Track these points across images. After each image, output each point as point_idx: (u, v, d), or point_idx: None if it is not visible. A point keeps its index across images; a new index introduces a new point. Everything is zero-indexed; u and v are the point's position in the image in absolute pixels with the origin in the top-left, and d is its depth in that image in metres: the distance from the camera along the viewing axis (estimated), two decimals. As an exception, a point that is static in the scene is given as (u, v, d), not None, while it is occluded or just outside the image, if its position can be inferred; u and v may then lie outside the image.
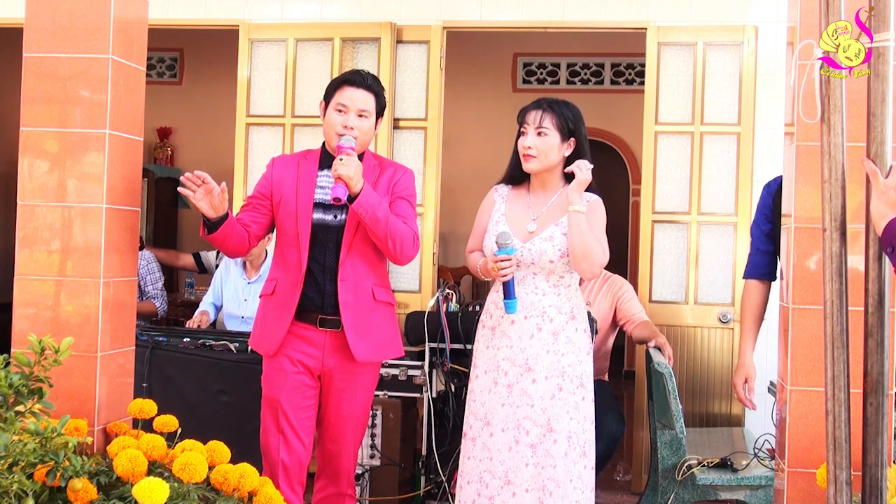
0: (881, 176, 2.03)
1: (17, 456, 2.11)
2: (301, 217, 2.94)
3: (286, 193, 2.99)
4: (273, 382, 2.96)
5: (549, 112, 2.98)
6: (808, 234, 2.56)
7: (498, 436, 2.93)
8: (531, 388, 2.91)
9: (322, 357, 2.95)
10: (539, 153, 2.97)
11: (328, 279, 2.93)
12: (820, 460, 2.43)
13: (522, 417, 2.91)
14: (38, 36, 2.71)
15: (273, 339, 2.95)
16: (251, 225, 3.01)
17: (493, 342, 3.01)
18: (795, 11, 2.62)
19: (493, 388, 2.97)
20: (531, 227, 3.01)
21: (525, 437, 2.90)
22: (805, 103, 2.30)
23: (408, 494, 4.03)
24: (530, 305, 2.96)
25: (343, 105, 2.97)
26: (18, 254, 2.70)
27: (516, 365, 2.94)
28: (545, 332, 2.94)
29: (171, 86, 8.26)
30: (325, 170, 3.00)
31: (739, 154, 4.60)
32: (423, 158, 4.84)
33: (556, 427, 2.89)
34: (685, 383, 4.55)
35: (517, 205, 3.07)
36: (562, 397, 2.91)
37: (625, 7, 4.77)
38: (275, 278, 3.01)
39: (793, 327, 2.58)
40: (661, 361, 3.66)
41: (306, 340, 2.94)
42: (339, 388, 2.98)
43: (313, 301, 2.93)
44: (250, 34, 4.95)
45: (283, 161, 3.09)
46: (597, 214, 3.01)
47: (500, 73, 8.06)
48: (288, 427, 2.92)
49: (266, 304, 3.03)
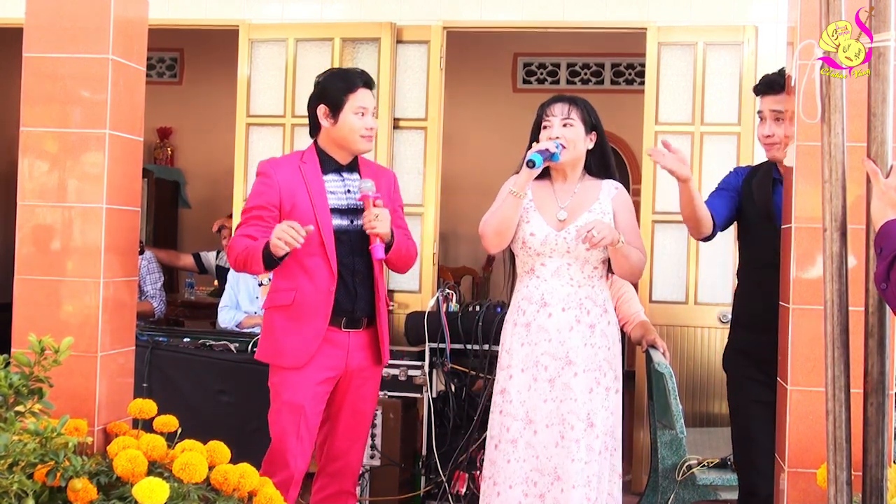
0: (881, 176, 2.03)
1: (17, 456, 2.11)
2: (323, 226, 2.90)
3: (298, 201, 2.93)
4: (297, 388, 2.90)
5: (574, 105, 3.00)
6: (808, 234, 2.56)
7: (542, 433, 2.88)
8: (573, 382, 2.88)
9: (346, 358, 2.96)
10: (568, 143, 2.96)
11: (358, 282, 2.96)
12: (820, 460, 2.42)
13: (567, 412, 2.87)
14: (38, 36, 2.71)
15: (306, 349, 2.89)
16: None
17: (529, 338, 2.94)
18: (795, 11, 2.62)
19: (532, 384, 2.92)
20: (562, 216, 2.97)
21: (570, 431, 2.86)
22: (805, 103, 2.30)
23: (408, 494, 4.02)
24: (567, 297, 2.93)
25: (363, 108, 2.97)
26: (18, 254, 2.70)
27: (557, 359, 2.90)
28: (583, 325, 2.92)
29: (171, 86, 8.26)
30: (329, 174, 2.99)
31: (739, 154, 4.59)
32: (423, 158, 4.84)
33: (595, 422, 2.88)
34: (685, 383, 4.55)
35: (543, 193, 3.03)
36: (599, 392, 2.90)
37: (625, 7, 4.77)
38: (292, 288, 2.92)
39: (793, 327, 2.58)
40: (661, 361, 3.66)
41: (331, 343, 2.93)
42: (356, 388, 3.01)
43: (343, 306, 2.94)
44: (250, 34, 4.95)
45: (279, 166, 3.01)
46: (627, 203, 3.04)
47: (500, 73, 8.05)
48: (306, 433, 2.91)
49: (284, 315, 2.93)
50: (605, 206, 3.00)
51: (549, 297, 2.94)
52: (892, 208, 1.99)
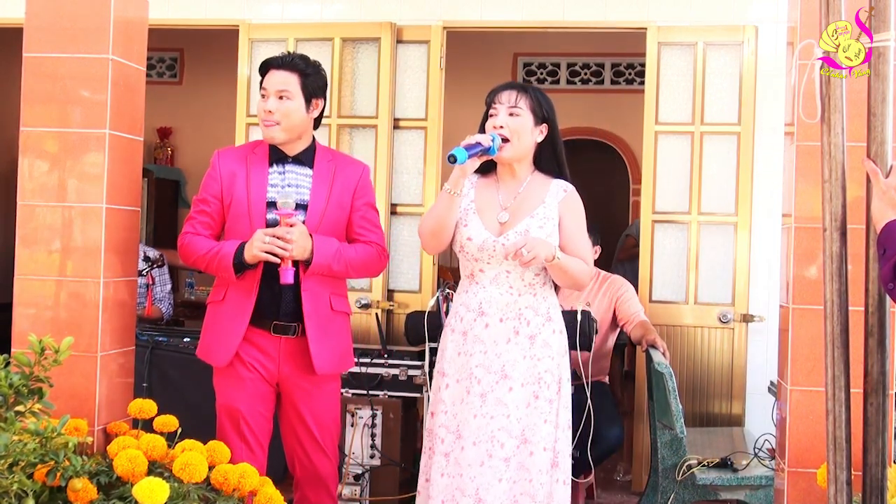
0: (882, 176, 2.03)
1: (17, 456, 2.11)
2: (254, 219, 2.76)
3: (237, 193, 2.79)
4: (230, 390, 2.80)
5: (523, 93, 2.76)
6: (808, 234, 2.56)
7: (469, 450, 2.66)
8: (507, 398, 2.67)
9: (278, 364, 2.81)
10: (512, 134, 2.72)
11: (284, 287, 2.73)
12: (820, 460, 2.43)
13: (497, 429, 2.65)
14: (38, 36, 2.71)
15: (226, 347, 2.77)
16: (214, 237, 2.84)
17: (465, 348, 2.74)
18: (795, 11, 2.62)
19: (465, 397, 2.71)
20: (503, 218, 2.76)
21: (499, 450, 2.64)
22: (805, 103, 2.30)
23: (408, 494, 4.02)
24: (505, 307, 2.72)
25: (264, 89, 2.80)
26: (18, 254, 2.70)
27: (491, 372, 2.69)
28: (522, 336, 2.71)
29: (171, 86, 8.25)
30: (274, 165, 2.83)
31: (739, 154, 4.59)
32: (423, 158, 4.84)
33: (531, 438, 2.67)
34: (685, 383, 4.54)
35: (486, 193, 2.82)
36: (538, 405, 2.69)
37: (625, 7, 4.76)
38: (225, 283, 2.81)
39: (793, 327, 2.58)
40: (661, 361, 3.66)
41: (259, 347, 2.80)
42: (300, 397, 2.84)
43: (268, 307, 2.77)
44: (250, 34, 4.94)
45: (228, 155, 2.87)
46: (575, 207, 2.80)
47: (500, 73, 8.03)
48: (251, 435, 2.80)
49: (216, 311, 2.84)
50: (550, 210, 2.76)
51: (486, 307, 2.73)
52: (893, 208, 1.98)
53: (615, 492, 4.68)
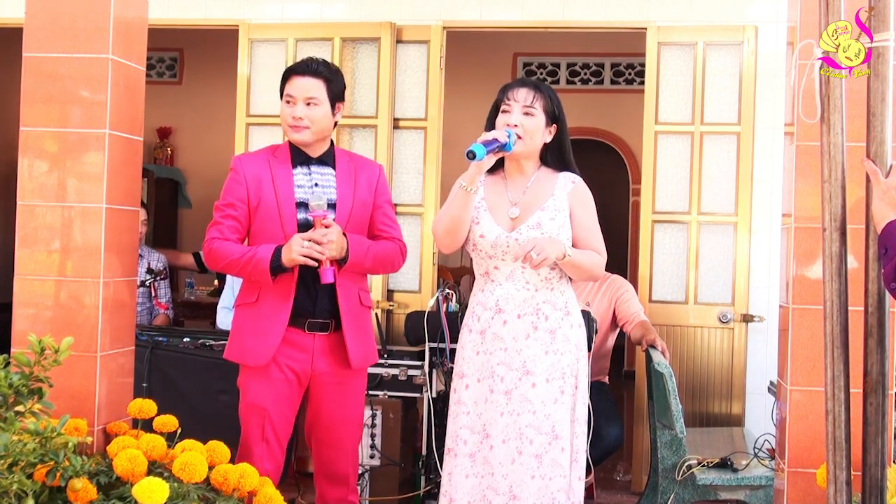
0: (881, 176, 2.03)
1: (17, 456, 2.11)
2: (286, 220, 2.82)
3: (264, 196, 2.84)
4: (259, 389, 2.84)
5: (539, 92, 2.79)
6: (808, 234, 2.56)
7: (499, 448, 2.69)
8: (531, 394, 2.69)
9: (311, 361, 2.86)
10: (525, 133, 2.75)
11: (319, 285, 2.79)
12: (820, 460, 2.43)
13: (525, 426, 2.68)
14: (38, 36, 2.71)
15: (265, 348, 2.81)
16: (241, 241, 2.89)
17: (484, 346, 2.77)
18: (795, 11, 2.62)
19: (489, 396, 2.74)
20: (514, 213, 2.79)
21: (529, 446, 2.67)
22: (805, 103, 2.30)
23: (408, 494, 4.02)
24: (522, 302, 2.74)
25: (291, 95, 2.85)
26: (18, 254, 2.70)
27: (513, 369, 2.72)
28: (541, 331, 2.73)
29: (171, 86, 8.25)
30: (298, 166, 2.89)
31: (739, 154, 4.59)
32: (423, 158, 4.84)
33: (561, 433, 2.69)
34: (685, 383, 4.54)
35: (495, 190, 2.84)
36: (564, 401, 2.71)
37: (625, 7, 4.77)
38: (257, 286, 2.84)
39: (793, 327, 2.58)
40: (661, 361, 3.66)
41: (294, 345, 2.84)
42: (331, 393, 2.89)
43: (304, 306, 2.83)
44: (250, 34, 4.94)
45: (249, 161, 2.92)
46: (585, 197, 2.83)
47: (500, 73, 8.04)
48: (273, 436, 2.84)
49: (248, 313, 2.87)
50: (559, 202, 2.78)
51: (503, 303, 2.75)
52: (893, 209, 1.99)
53: (615, 492, 4.68)
